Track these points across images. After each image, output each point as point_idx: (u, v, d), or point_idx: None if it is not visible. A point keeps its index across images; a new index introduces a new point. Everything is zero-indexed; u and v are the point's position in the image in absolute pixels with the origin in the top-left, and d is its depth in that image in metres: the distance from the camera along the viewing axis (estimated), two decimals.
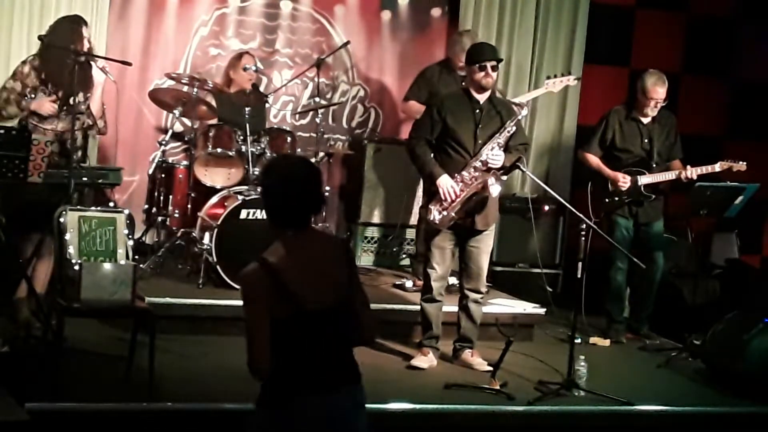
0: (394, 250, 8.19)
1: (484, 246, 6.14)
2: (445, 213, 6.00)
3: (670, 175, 7.08)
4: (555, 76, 7.44)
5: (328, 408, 3.36)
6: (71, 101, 5.82)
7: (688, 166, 7.03)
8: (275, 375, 3.31)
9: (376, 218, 8.18)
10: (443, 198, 5.97)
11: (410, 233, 8.08)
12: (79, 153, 6.10)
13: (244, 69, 7.35)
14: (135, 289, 5.14)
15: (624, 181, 7.07)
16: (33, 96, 5.93)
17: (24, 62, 6.06)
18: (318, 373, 3.35)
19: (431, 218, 6.04)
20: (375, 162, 8.11)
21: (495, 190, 5.97)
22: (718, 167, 7.01)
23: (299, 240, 3.41)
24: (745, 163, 7.02)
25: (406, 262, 8.07)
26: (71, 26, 6.06)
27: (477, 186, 5.97)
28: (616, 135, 7.21)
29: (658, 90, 7.04)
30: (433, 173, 6.00)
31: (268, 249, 3.38)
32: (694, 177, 6.97)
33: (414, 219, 7.90)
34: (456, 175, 5.99)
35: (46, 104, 5.93)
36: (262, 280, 3.28)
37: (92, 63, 6.05)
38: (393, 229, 8.10)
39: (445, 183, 5.96)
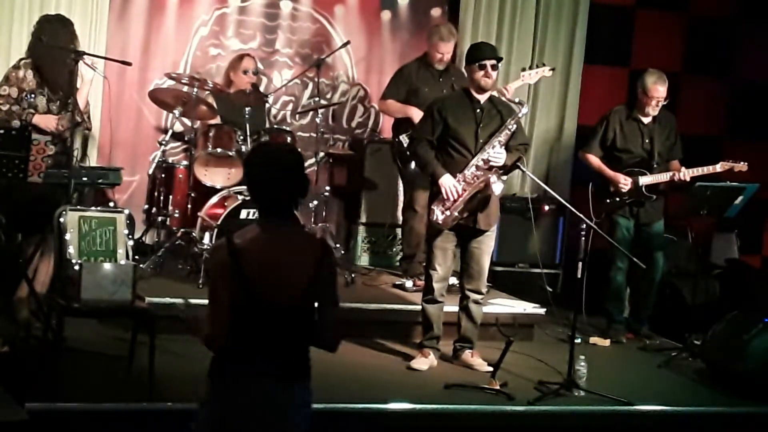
0: (394, 250, 8.19)
1: (486, 246, 6.14)
2: (447, 213, 6.00)
3: (666, 176, 7.09)
4: (530, 68, 7.42)
5: (262, 396, 3.37)
6: (70, 101, 5.82)
7: (682, 168, 7.04)
8: (225, 350, 3.38)
9: (375, 218, 8.18)
10: (446, 198, 5.97)
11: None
12: (78, 151, 6.10)
13: (244, 72, 7.38)
14: (135, 289, 5.14)
15: (625, 183, 7.08)
16: (33, 97, 5.93)
17: (17, 66, 6.04)
18: (258, 360, 3.37)
19: (434, 218, 6.03)
20: (375, 162, 8.11)
21: (497, 188, 5.97)
22: (719, 167, 7.01)
23: (273, 230, 3.42)
24: (746, 163, 7.02)
25: None
26: (65, 27, 6.07)
27: (479, 185, 5.97)
28: (617, 135, 7.21)
29: (658, 89, 7.04)
30: (436, 173, 6.00)
31: (241, 230, 3.43)
32: (687, 179, 6.98)
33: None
34: (458, 174, 5.99)
35: (52, 122, 5.94)
36: (223, 257, 3.34)
37: (81, 60, 6.04)
38: (393, 229, 8.11)
39: (448, 183, 5.95)
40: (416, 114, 6.87)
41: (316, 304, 3.44)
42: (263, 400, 3.37)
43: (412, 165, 6.81)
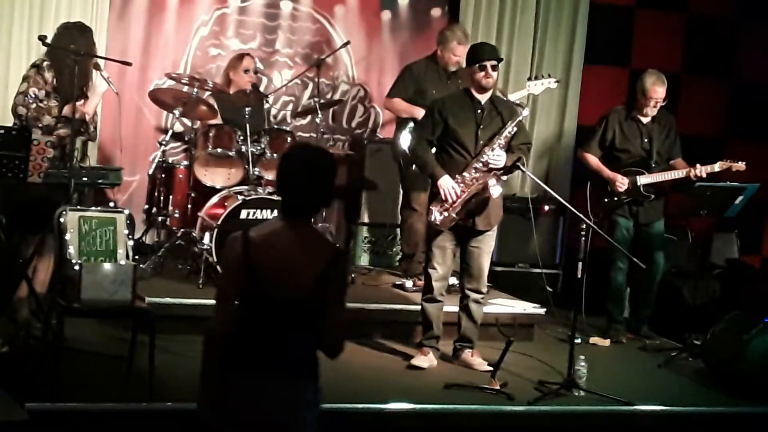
0: (394, 250, 8.19)
1: (486, 246, 6.14)
2: (446, 213, 6.00)
3: (678, 174, 7.07)
4: (536, 78, 7.43)
5: (266, 392, 3.39)
6: (73, 106, 5.83)
7: (698, 165, 7.01)
8: (233, 347, 3.42)
9: (376, 218, 8.18)
10: (444, 199, 5.97)
11: None
12: (78, 154, 6.12)
13: (245, 72, 7.38)
14: (135, 289, 5.14)
15: (622, 183, 7.08)
16: (33, 107, 5.94)
17: (38, 67, 6.04)
18: (264, 357, 3.40)
19: (432, 219, 6.04)
20: (375, 162, 8.11)
21: (496, 191, 5.98)
22: (717, 167, 7.00)
23: (290, 228, 3.46)
24: (744, 163, 7.01)
25: None
26: (83, 34, 6.11)
27: (478, 187, 5.97)
28: (616, 135, 7.22)
29: (657, 89, 7.04)
30: (435, 174, 6.00)
31: (260, 224, 3.50)
32: (704, 175, 6.96)
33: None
34: (457, 175, 5.99)
35: (84, 108, 6.02)
36: (237, 249, 3.41)
37: (98, 72, 6.08)
38: (393, 229, 8.11)
39: (446, 184, 5.95)
40: (422, 115, 6.86)
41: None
42: (267, 396, 3.39)
43: (414, 166, 6.81)
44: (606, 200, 7.15)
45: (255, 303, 3.43)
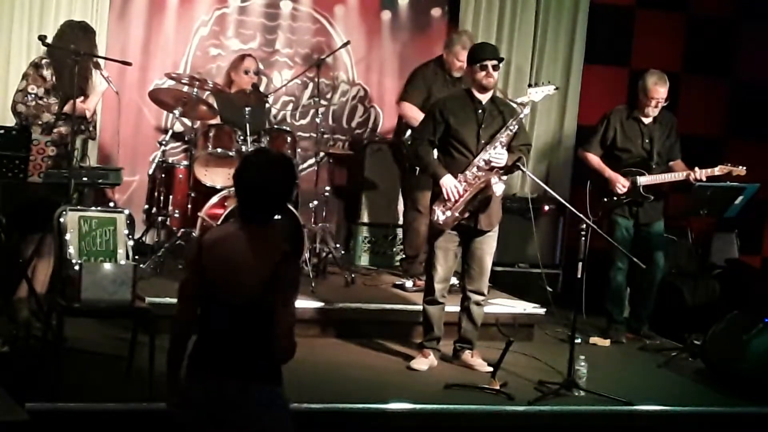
0: (394, 250, 8.19)
1: (488, 247, 6.14)
2: (448, 213, 5.99)
3: (678, 176, 7.07)
4: (536, 85, 7.41)
5: (220, 396, 3.43)
6: (74, 104, 5.83)
7: (696, 168, 7.01)
8: (192, 351, 3.54)
9: (376, 218, 8.18)
10: (447, 198, 5.97)
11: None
12: (78, 154, 6.11)
13: (245, 72, 7.39)
14: (135, 289, 5.14)
15: (622, 185, 7.07)
16: (32, 104, 5.94)
17: (36, 65, 6.04)
18: (218, 360, 3.45)
19: (435, 219, 6.03)
20: (375, 162, 8.11)
21: (498, 188, 5.98)
22: (717, 170, 7.00)
23: (242, 232, 3.51)
24: (744, 168, 7.00)
25: None
26: (86, 35, 6.10)
27: (480, 185, 5.97)
28: (617, 134, 7.21)
29: (659, 89, 7.04)
30: (437, 174, 6.00)
31: (220, 226, 3.55)
32: (704, 179, 6.96)
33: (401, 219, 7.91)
34: (459, 175, 5.98)
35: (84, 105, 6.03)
36: (193, 250, 3.53)
37: (98, 71, 6.08)
38: (393, 229, 8.11)
39: (449, 183, 5.95)
40: None
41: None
42: (222, 399, 3.42)
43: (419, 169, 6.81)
44: (606, 200, 7.15)
45: (209, 306, 3.49)
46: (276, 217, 3.58)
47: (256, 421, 3.43)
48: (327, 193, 7.51)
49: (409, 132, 7.07)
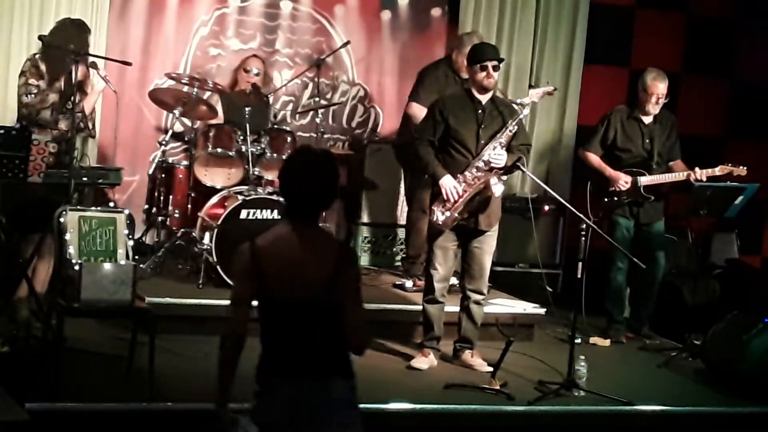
0: (394, 250, 8.19)
1: (487, 247, 6.14)
2: (448, 213, 6.00)
3: (678, 176, 7.07)
4: (537, 86, 7.43)
5: (297, 396, 3.42)
6: (71, 102, 5.83)
7: (697, 168, 7.01)
8: (260, 359, 3.50)
9: (376, 218, 8.18)
10: (446, 198, 5.97)
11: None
12: (78, 153, 6.12)
13: (246, 71, 7.40)
14: (135, 289, 5.14)
15: (625, 182, 7.08)
16: (36, 94, 5.95)
17: (32, 61, 6.06)
18: (289, 360, 3.44)
19: (434, 219, 6.04)
20: (375, 162, 8.11)
21: (498, 189, 5.98)
22: (718, 171, 7.01)
23: (295, 231, 3.51)
24: (745, 168, 7.00)
25: None
26: (80, 33, 6.09)
27: (479, 186, 5.97)
28: (617, 134, 7.22)
29: (658, 85, 7.05)
30: (436, 174, 6.00)
31: (266, 232, 3.54)
32: (704, 179, 6.96)
33: (403, 219, 7.90)
34: (458, 175, 5.99)
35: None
36: (246, 259, 3.46)
37: (95, 70, 6.08)
38: (393, 229, 8.11)
39: (448, 183, 5.95)
40: None
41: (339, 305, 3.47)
42: (299, 400, 3.42)
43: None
44: (606, 200, 7.15)
45: (270, 307, 3.48)
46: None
47: (334, 416, 3.45)
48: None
49: None
